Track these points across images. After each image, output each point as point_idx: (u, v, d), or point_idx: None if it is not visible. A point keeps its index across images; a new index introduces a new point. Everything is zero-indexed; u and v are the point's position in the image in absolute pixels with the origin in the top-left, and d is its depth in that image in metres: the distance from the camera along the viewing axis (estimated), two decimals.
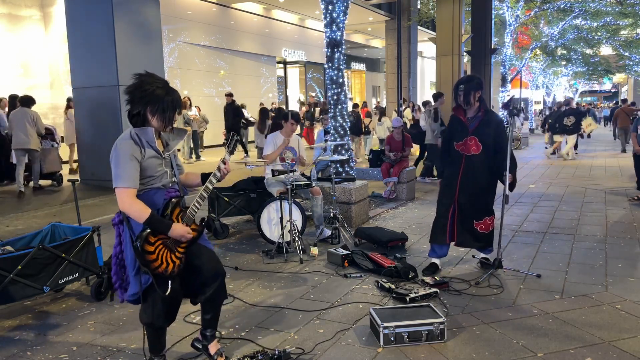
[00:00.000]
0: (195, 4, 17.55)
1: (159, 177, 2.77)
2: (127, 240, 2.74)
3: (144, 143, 2.70)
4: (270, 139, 5.92)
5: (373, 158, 9.12)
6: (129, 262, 2.77)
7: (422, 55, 32.30)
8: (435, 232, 4.69)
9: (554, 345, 3.23)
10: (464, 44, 13.49)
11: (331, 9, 6.80)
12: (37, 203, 8.28)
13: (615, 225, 6.32)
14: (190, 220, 2.82)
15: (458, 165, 4.55)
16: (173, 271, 2.74)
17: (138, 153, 2.65)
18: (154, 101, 2.67)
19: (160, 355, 2.95)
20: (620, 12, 20.46)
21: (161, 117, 2.70)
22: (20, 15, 13.24)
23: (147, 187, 2.74)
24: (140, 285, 2.74)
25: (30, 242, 4.20)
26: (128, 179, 2.61)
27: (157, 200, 2.75)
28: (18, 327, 3.71)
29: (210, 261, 2.92)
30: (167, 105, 2.69)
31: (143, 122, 2.73)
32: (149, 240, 2.65)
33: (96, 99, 9.36)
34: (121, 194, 2.62)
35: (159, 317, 2.80)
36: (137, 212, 2.61)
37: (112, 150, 2.68)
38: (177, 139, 2.90)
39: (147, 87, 2.67)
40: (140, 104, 2.69)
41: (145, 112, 2.70)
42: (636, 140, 7.96)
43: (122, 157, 2.62)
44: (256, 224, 5.76)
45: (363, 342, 3.33)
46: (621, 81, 50.88)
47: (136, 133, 2.70)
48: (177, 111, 2.76)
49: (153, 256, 2.66)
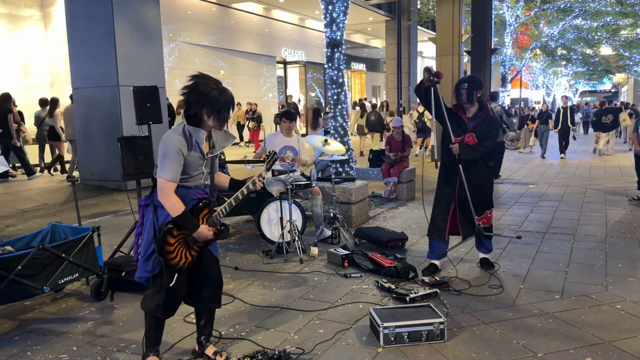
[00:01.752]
0: (195, 4, 17.54)
1: (195, 176, 2.87)
2: (148, 225, 2.86)
3: (194, 142, 2.79)
4: (269, 138, 5.92)
5: (373, 158, 9.12)
6: (144, 246, 2.88)
7: (422, 55, 32.28)
8: (435, 227, 4.68)
9: (554, 345, 3.23)
10: (464, 44, 13.47)
11: (331, 9, 6.80)
12: (37, 203, 8.28)
13: (615, 225, 6.32)
14: (213, 223, 2.93)
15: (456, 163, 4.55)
16: (183, 266, 2.87)
17: (185, 149, 2.75)
18: (210, 103, 2.75)
19: (154, 350, 2.99)
20: (620, 12, 20.47)
21: (217, 117, 2.79)
22: (20, 15, 13.23)
23: (181, 184, 2.81)
24: (151, 271, 2.85)
25: (30, 242, 4.20)
26: (171, 171, 2.71)
27: (185, 199, 2.84)
28: (18, 327, 3.71)
29: (211, 267, 3.05)
30: (222, 106, 2.78)
31: (199, 122, 2.81)
32: (172, 232, 2.78)
33: (96, 99, 9.36)
34: (162, 185, 2.72)
35: (159, 308, 2.87)
36: (173, 206, 2.72)
37: (162, 141, 2.77)
38: (225, 142, 3.00)
39: (202, 89, 2.76)
40: (196, 105, 2.77)
41: (202, 113, 2.78)
42: (637, 141, 7.96)
43: (171, 150, 2.71)
44: (256, 224, 5.76)
45: (363, 342, 3.33)
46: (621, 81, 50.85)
47: (189, 131, 2.79)
48: (232, 109, 2.86)
49: (171, 248, 2.79)
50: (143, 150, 5.03)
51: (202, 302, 3.04)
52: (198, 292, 3.02)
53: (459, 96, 4.53)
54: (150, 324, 2.96)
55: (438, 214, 4.66)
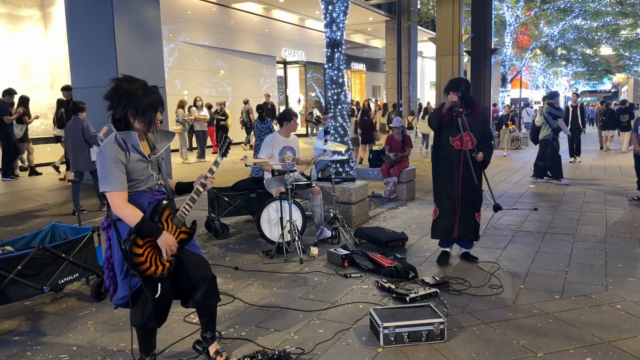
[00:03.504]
0: (195, 4, 17.54)
1: (145, 180, 2.77)
2: (115, 244, 2.75)
3: (129, 147, 2.68)
4: (268, 139, 5.91)
5: (373, 158, 9.12)
6: (117, 266, 2.78)
7: (422, 55, 32.29)
8: (444, 229, 4.81)
9: (554, 345, 3.23)
10: (464, 44, 13.47)
11: (331, 9, 6.80)
12: (37, 203, 8.28)
13: (615, 225, 6.32)
14: (180, 222, 2.83)
15: (457, 160, 4.67)
16: (162, 274, 2.75)
17: (123, 157, 2.65)
18: (133, 104, 2.65)
19: (151, 355, 2.97)
20: (620, 12, 20.47)
21: (142, 119, 2.68)
22: (20, 15, 13.23)
23: (132, 190, 2.73)
24: (130, 289, 2.74)
25: (30, 242, 4.21)
26: (115, 182, 2.61)
27: (142, 202, 2.76)
28: (18, 327, 3.71)
29: (199, 266, 2.93)
30: (146, 107, 2.66)
31: (127, 125, 2.71)
32: (136, 242, 2.66)
33: (96, 99, 9.33)
34: (112, 198, 2.63)
35: (150, 319, 2.81)
36: (129, 215, 2.62)
37: (97, 155, 2.68)
38: (164, 141, 2.89)
39: (124, 91, 2.66)
40: (119, 108, 2.67)
41: (127, 116, 2.68)
42: (637, 141, 7.96)
43: (108, 162, 2.61)
44: (256, 224, 5.76)
45: (363, 342, 3.33)
46: (621, 81, 50.86)
47: (121, 137, 2.68)
48: (159, 110, 2.74)
49: (141, 259, 2.67)
50: None
51: (200, 302, 2.95)
52: (192, 294, 2.92)
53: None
54: (142, 336, 2.91)
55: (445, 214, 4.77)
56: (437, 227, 4.87)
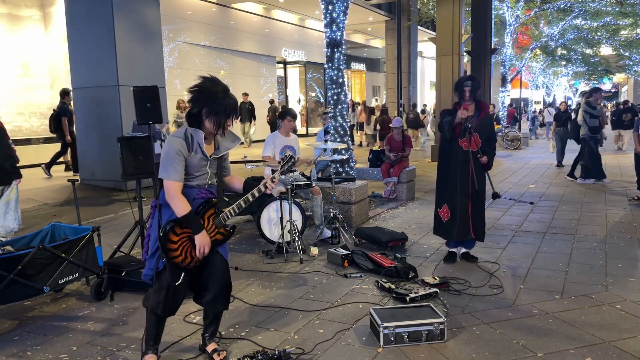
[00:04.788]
0: (195, 4, 17.54)
1: (198, 176, 2.90)
2: (154, 224, 2.92)
3: (194, 143, 2.83)
4: (270, 138, 5.92)
5: (373, 158, 9.12)
6: (151, 244, 2.94)
7: (422, 55, 32.28)
8: (460, 231, 4.79)
9: (554, 345, 3.23)
10: (464, 44, 13.48)
11: (331, 9, 6.80)
12: (37, 203, 8.28)
13: (615, 225, 6.32)
14: (221, 224, 2.97)
15: (466, 160, 4.65)
16: (189, 265, 2.89)
17: (186, 151, 2.80)
18: (210, 104, 2.78)
19: (154, 348, 3.01)
20: (620, 12, 20.47)
21: (214, 119, 2.81)
22: (20, 15, 13.22)
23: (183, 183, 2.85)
24: (155, 269, 2.89)
25: (30, 242, 4.20)
26: (174, 172, 2.77)
27: (188, 197, 2.87)
28: (18, 327, 3.70)
29: (219, 269, 3.04)
30: (220, 110, 2.79)
31: (199, 122, 2.84)
32: (174, 230, 2.82)
33: (96, 99, 9.36)
34: (168, 186, 2.78)
35: (159, 306, 2.89)
36: (179, 206, 2.78)
37: (165, 144, 2.85)
38: (230, 144, 3.03)
39: (205, 90, 2.80)
40: (197, 104, 2.81)
41: (201, 113, 2.82)
42: (637, 140, 7.96)
43: (171, 152, 2.78)
44: (256, 224, 5.76)
45: (363, 342, 3.33)
46: (621, 81, 50.87)
47: (190, 132, 2.83)
48: (233, 117, 2.86)
49: (175, 246, 2.83)
50: (143, 150, 5.02)
51: (208, 303, 3.04)
52: (204, 292, 3.03)
53: (461, 94, 4.64)
54: (150, 321, 2.98)
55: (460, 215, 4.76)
56: (452, 229, 4.81)
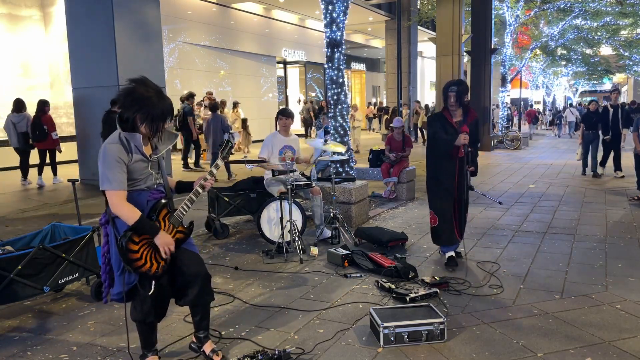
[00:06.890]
0: (195, 4, 17.55)
1: (144, 179, 2.79)
2: (112, 240, 2.78)
3: (132, 147, 2.70)
4: (269, 139, 5.91)
5: (373, 158, 9.12)
6: (114, 262, 2.81)
7: (422, 55, 32.30)
8: (446, 236, 4.83)
9: (554, 345, 3.23)
10: (464, 44, 13.49)
11: (331, 9, 6.80)
12: (37, 203, 8.28)
13: (615, 225, 6.32)
14: (177, 222, 2.85)
15: (453, 166, 4.71)
16: (157, 271, 2.77)
17: (125, 157, 2.66)
18: (145, 109, 2.65)
19: (152, 350, 2.98)
20: (620, 12, 20.48)
21: (149, 125, 2.69)
22: (20, 15, 13.23)
23: (131, 189, 2.75)
24: (124, 285, 2.77)
25: (30, 242, 4.20)
26: (115, 181, 2.63)
27: (141, 201, 2.78)
28: (18, 327, 3.70)
29: (193, 264, 2.93)
30: (156, 115, 2.67)
31: (132, 127, 2.71)
32: (132, 239, 2.69)
33: (96, 99, 9.36)
34: (111, 196, 2.65)
35: (149, 314, 2.84)
36: (127, 214, 2.65)
37: (100, 152, 2.68)
38: (166, 142, 2.91)
39: (138, 95, 2.65)
40: (130, 110, 2.67)
41: (135, 119, 2.69)
42: (637, 140, 7.96)
43: (110, 160, 2.63)
44: (256, 224, 5.76)
45: (363, 342, 3.33)
46: (621, 81, 50.86)
47: (125, 137, 2.70)
48: (168, 120, 2.74)
49: (137, 255, 2.70)
50: None
51: (193, 300, 2.94)
52: (186, 291, 2.93)
53: (446, 99, 4.72)
54: (143, 330, 2.93)
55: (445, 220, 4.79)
56: (441, 234, 4.86)
